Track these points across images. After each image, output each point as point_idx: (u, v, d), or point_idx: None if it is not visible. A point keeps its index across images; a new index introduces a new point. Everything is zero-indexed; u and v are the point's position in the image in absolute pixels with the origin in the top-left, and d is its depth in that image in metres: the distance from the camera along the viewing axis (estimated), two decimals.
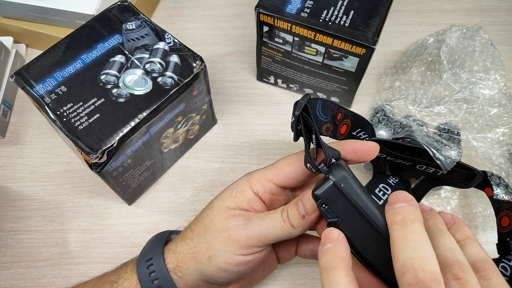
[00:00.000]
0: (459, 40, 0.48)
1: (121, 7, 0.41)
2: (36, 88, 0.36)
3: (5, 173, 0.47)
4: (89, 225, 0.44)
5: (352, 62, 0.43)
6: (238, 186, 0.32)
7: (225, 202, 0.32)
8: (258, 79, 0.53)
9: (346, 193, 0.26)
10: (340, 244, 0.25)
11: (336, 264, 0.24)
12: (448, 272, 0.23)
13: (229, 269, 0.30)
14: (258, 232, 0.29)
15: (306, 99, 0.28)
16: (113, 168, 0.37)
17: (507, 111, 0.45)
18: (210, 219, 0.31)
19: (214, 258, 0.30)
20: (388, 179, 0.40)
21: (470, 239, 0.26)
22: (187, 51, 0.39)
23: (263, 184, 0.31)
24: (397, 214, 0.24)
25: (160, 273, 0.31)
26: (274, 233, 0.29)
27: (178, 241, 0.32)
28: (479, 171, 0.37)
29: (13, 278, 0.41)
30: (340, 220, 0.26)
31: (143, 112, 0.36)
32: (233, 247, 0.29)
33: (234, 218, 0.30)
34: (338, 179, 0.26)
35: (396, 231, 0.24)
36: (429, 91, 0.47)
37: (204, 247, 0.30)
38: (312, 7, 0.42)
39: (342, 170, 0.26)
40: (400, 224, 0.24)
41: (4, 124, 0.49)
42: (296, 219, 0.29)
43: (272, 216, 0.29)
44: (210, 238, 0.30)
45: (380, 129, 0.44)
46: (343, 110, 0.34)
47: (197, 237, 0.31)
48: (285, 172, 0.31)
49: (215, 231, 0.30)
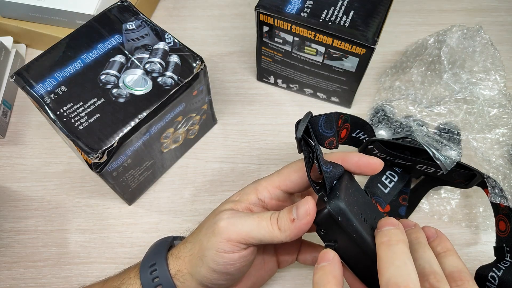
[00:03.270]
0: (459, 41, 0.48)
1: (121, 7, 0.41)
2: (36, 88, 0.36)
3: (5, 173, 0.47)
4: (89, 225, 0.44)
5: (352, 62, 0.43)
6: (244, 192, 0.32)
7: (226, 204, 0.32)
8: (258, 79, 0.53)
9: (342, 225, 0.27)
10: (334, 264, 0.27)
11: (327, 281, 0.26)
12: (425, 281, 0.26)
13: (217, 269, 0.30)
14: (240, 227, 0.29)
15: (307, 120, 0.29)
16: (113, 168, 0.37)
17: (507, 112, 0.45)
18: (206, 220, 0.32)
19: (204, 258, 0.30)
20: (394, 167, 0.40)
21: (450, 252, 0.29)
22: (187, 51, 0.39)
23: (270, 192, 0.32)
24: (384, 235, 0.26)
25: (163, 279, 0.31)
26: (258, 231, 0.29)
27: (180, 246, 0.33)
28: (479, 171, 0.37)
29: (13, 278, 0.41)
30: (336, 244, 0.28)
31: (143, 112, 0.36)
32: (216, 242, 0.29)
33: (222, 213, 0.30)
34: (335, 212, 0.26)
35: (382, 250, 0.26)
36: (429, 91, 0.47)
37: (197, 247, 0.31)
38: (312, 7, 0.42)
39: (339, 201, 0.27)
40: (386, 245, 0.26)
41: (4, 124, 0.49)
42: (285, 223, 0.28)
43: (259, 215, 0.29)
44: (201, 236, 0.31)
45: (380, 129, 0.44)
46: (342, 116, 0.34)
47: (193, 237, 0.32)
48: (291, 178, 0.31)
49: (206, 228, 0.31)
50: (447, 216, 0.44)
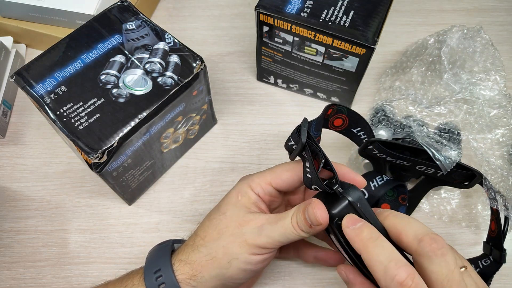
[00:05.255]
0: (460, 41, 0.48)
1: (121, 7, 0.41)
2: (36, 88, 0.36)
3: (5, 173, 0.47)
4: (89, 225, 0.44)
5: (352, 62, 0.43)
6: (241, 190, 0.34)
7: (235, 207, 0.33)
8: (258, 79, 0.53)
9: (361, 212, 0.29)
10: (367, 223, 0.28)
11: (378, 234, 0.27)
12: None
13: (248, 268, 0.32)
14: (272, 238, 0.31)
15: (307, 125, 0.31)
16: (113, 168, 0.37)
17: (506, 113, 0.45)
18: (224, 225, 0.32)
19: (234, 261, 0.31)
20: (383, 175, 0.41)
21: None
22: (187, 51, 0.39)
23: (263, 188, 0.33)
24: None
25: (170, 285, 0.31)
26: (286, 237, 0.31)
27: (189, 251, 0.33)
28: (478, 172, 0.37)
29: (13, 278, 0.41)
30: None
31: (143, 112, 0.36)
32: (251, 249, 0.31)
33: (247, 225, 0.32)
34: (355, 199, 0.29)
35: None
36: (429, 91, 0.47)
37: (221, 252, 0.32)
38: (312, 7, 0.42)
39: (357, 190, 0.29)
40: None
41: (4, 124, 0.49)
42: (305, 227, 0.30)
43: (282, 224, 0.31)
44: (226, 243, 0.32)
45: (380, 129, 0.44)
46: (334, 106, 0.36)
47: (211, 243, 0.32)
48: (283, 177, 0.33)
49: (230, 236, 0.32)
50: (447, 216, 0.44)
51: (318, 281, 0.41)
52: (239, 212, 0.33)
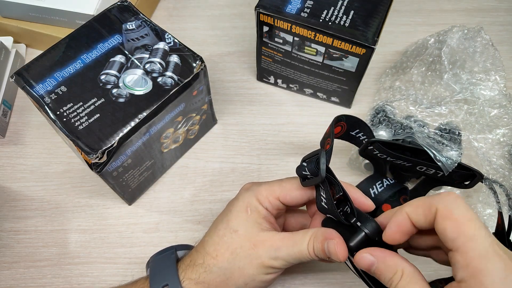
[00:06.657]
0: (460, 41, 0.48)
1: (121, 7, 0.41)
2: (36, 88, 0.36)
3: (5, 173, 0.47)
4: (89, 225, 0.44)
5: (352, 62, 0.42)
6: (250, 203, 0.33)
7: (247, 224, 0.33)
8: (258, 79, 0.53)
9: (378, 242, 0.29)
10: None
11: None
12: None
13: (263, 286, 0.33)
14: (287, 261, 0.32)
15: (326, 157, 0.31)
16: (113, 168, 0.37)
17: (507, 112, 0.45)
18: (238, 244, 0.32)
19: (251, 282, 0.32)
20: (386, 179, 0.41)
21: None
22: (187, 51, 0.39)
23: (271, 202, 0.33)
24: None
25: None
26: (300, 260, 0.32)
27: (200, 271, 0.32)
28: (479, 172, 0.37)
29: (13, 278, 0.41)
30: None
31: (143, 112, 0.36)
32: (267, 270, 0.32)
33: (263, 246, 0.32)
34: (371, 232, 0.29)
35: None
36: (429, 91, 0.47)
37: (237, 273, 0.32)
38: (312, 7, 0.42)
39: (373, 222, 0.29)
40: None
41: (4, 124, 0.49)
42: (321, 255, 0.31)
43: (299, 249, 0.31)
44: (242, 264, 0.32)
45: (380, 130, 0.44)
46: (341, 122, 0.36)
47: (225, 263, 0.32)
48: (292, 194, 0.33)
49: (246, 257, 0.32)
50: None
51: (318, 281, 0.41)
52: (252, 229, 0.32)
